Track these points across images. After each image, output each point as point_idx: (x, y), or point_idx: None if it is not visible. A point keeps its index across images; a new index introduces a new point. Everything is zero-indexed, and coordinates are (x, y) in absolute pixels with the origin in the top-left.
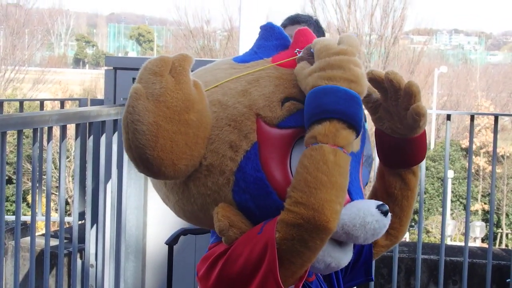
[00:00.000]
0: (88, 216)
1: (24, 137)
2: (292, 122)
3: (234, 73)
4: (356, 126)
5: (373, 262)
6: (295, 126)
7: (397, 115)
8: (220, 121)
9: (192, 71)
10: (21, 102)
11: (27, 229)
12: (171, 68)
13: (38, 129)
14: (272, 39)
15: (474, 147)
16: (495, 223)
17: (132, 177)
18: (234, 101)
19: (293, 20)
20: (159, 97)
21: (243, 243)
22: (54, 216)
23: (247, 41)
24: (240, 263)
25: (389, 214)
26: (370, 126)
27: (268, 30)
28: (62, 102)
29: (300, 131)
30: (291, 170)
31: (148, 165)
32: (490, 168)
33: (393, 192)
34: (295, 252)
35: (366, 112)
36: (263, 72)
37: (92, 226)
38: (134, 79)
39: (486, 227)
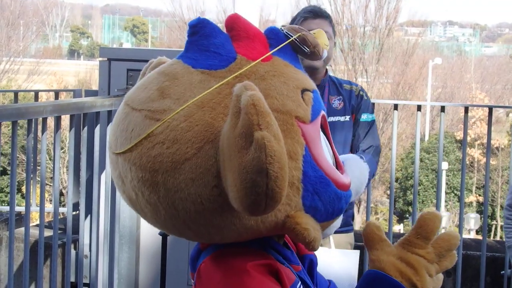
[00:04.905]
0: (82, 207)
1: (18, 128)
2: (315, 112)
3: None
4: None
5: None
6: (317, 115)
7: None
8: None
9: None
10: (16, 93)
11: (22, 219)
12: None
13: (33, 120)
14: (216, 35)
15: (468, 139)
16: (490, 215)
17: None
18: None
19: (316, 14)
20: (279, 135)
21: None
22: (48, 207)
23: None
24: None
25: None
26: (378, 119)
27: (208, 27)
28: (57, 93)
29: (321, 118)
30: None
31: (275, 205)
32: (484, 160)
33: None
34: None
35: (373, 102)
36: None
37: (86, 217)
38: (128, 70)
39: (481, 219)
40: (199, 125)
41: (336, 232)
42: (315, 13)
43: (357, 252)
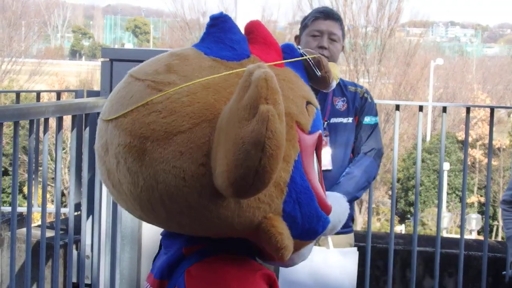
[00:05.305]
0: (84, 207)
1: (20, 128)
2: (315, 127)
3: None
4: None
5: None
6: (316, 131)
7: None
8: None
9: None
10: (18, 94)
11: (23, 220)
12: None
13: (35, 120)
14: (235, 32)
15: (470, 139)
16: (491, 215)
17: None
18: None
19: (327, 15)
20: (283, 116)
21: None
22: (50, 208)
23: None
24: None
25: None
26: (380, 120)
27: (228, 23)
28: (59, 94)
29: (318, 136)
30: None
31: (261, 187)
32: (486, 160)
33: None
34: None
35: (378, 102)
36: None
37: (88, 217)
38: None
39: (482, 219)
40: (200, 103)
41: (335, 233)
42: (326, 14)
43: (356, 250)
